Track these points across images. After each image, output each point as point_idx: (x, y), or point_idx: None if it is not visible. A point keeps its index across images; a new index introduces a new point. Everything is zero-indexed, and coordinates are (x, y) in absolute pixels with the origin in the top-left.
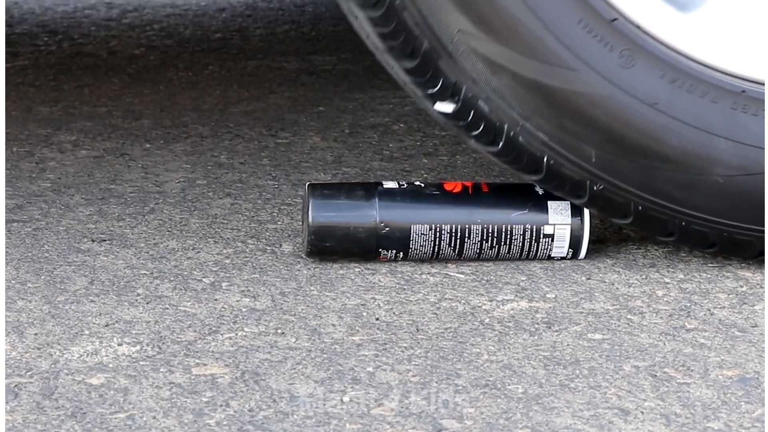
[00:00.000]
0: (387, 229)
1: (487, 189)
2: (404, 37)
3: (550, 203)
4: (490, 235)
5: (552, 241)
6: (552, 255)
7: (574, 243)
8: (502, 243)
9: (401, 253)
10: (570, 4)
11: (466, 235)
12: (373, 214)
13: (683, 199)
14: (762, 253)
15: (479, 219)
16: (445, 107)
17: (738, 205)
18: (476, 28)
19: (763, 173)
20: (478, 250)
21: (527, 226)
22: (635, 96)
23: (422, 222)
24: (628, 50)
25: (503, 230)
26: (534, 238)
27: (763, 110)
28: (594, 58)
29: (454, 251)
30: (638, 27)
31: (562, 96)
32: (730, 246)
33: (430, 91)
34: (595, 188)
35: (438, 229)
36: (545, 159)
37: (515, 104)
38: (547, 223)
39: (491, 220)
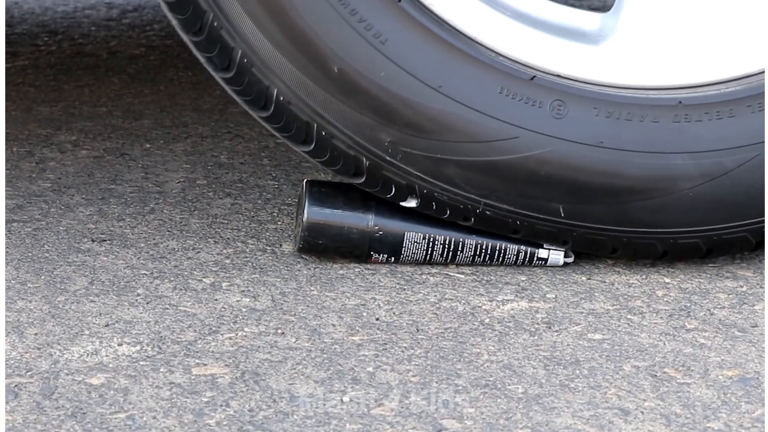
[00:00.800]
0: (381, 233)
1: None
2: (344, 161)
3: None
4: (483, 250)
5: (545, 263)
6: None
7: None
8: (495, 260)
9: (393, 257)
10: (487, 80)
11: (459, 248)
12: (368, 218)
13: (663, 221)
14: (758, 246)
15: (474, 235)
16: (410, 203)
17: (717, 209)
18: (406, 134)
19: (726, 174)
20: (469, 263)
21: (521, 248)
22: (579, 141)
23: (416, 230)
24: (557, 101)
25: (497, 248)
26: (528, 260)
27: (706, 114)
28: (527, 120)
29: (445, 261)
30: (558, 75)
31: (511, 165)
32: (724, 247)
33: (389, 196)
34: (574, 235)
35: (431, 239)
36: (518, 223)
37: (469, 188)
38: (542, 248)
39: (487, 238)
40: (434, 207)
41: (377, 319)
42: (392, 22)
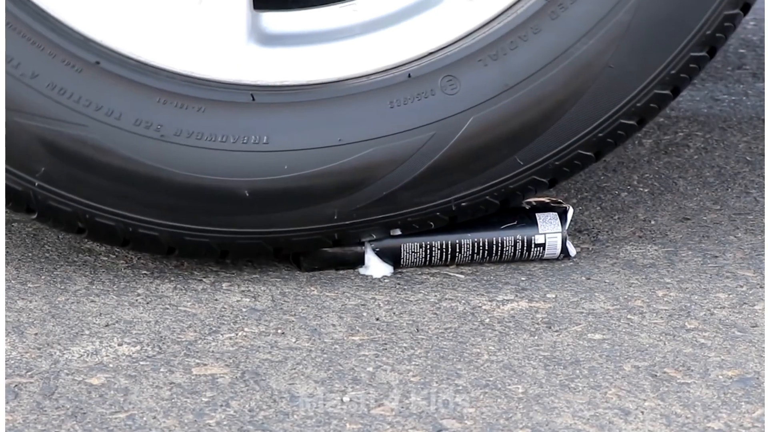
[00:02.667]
0: (378, 249)
1: None
2: None
3: (538, 215)
4: (481, 248)
5: (543, 249)
6: (544, 258)
7: (565, 247)
8: (494, 254)
9: (392, 267)
10: None
11: (457, 250)
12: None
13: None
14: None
15: (469, 234)
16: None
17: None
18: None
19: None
20: (469, 261)
21: (518, 237)
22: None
23: (412, 240)
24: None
25: (494, 242)
26: (525, 248)
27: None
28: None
29: (445, 263)
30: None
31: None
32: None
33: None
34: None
35: (428, 246)
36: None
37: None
38: (538, 233)
39: (482, 234)
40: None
41: (377, 319)
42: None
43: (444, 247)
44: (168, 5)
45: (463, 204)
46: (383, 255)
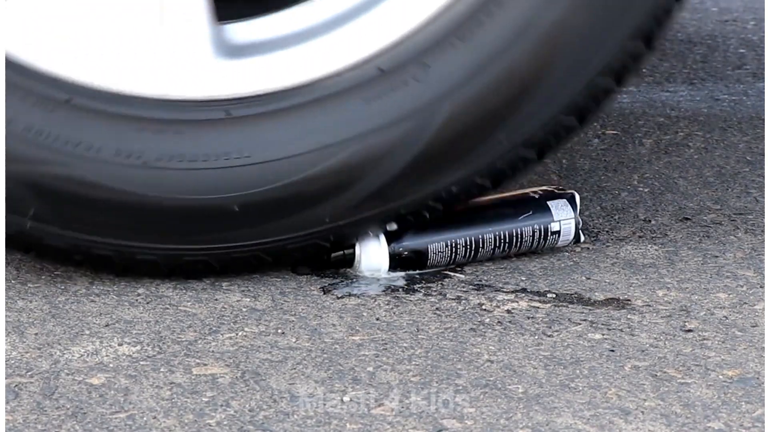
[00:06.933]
0: (406, 253)
1: (488, 203)
2: None
3: (549, 203)
4: (502, 241)
5: (558, 236)
6: (558, 245)
7: (577, 233)
8: (514, 246)
9: (418, 269)
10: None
11: (480, 245)
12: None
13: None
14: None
15: (490, 228)
16: None
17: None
18: None
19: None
20: (490, 255)
21: (536, 226)
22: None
23: (438, 240)
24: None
25: (514, 234)
26: (543, 236)
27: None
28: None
29: (468, 259)
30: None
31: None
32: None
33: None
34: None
35: (453, 244)
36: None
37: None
38: (554, 221)
39: (502, 227)
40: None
41: (377, 319)
42: None
43: (468, 243)
44: (129, 30)
45: (453, 189)
46: (411, 257)
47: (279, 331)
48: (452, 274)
